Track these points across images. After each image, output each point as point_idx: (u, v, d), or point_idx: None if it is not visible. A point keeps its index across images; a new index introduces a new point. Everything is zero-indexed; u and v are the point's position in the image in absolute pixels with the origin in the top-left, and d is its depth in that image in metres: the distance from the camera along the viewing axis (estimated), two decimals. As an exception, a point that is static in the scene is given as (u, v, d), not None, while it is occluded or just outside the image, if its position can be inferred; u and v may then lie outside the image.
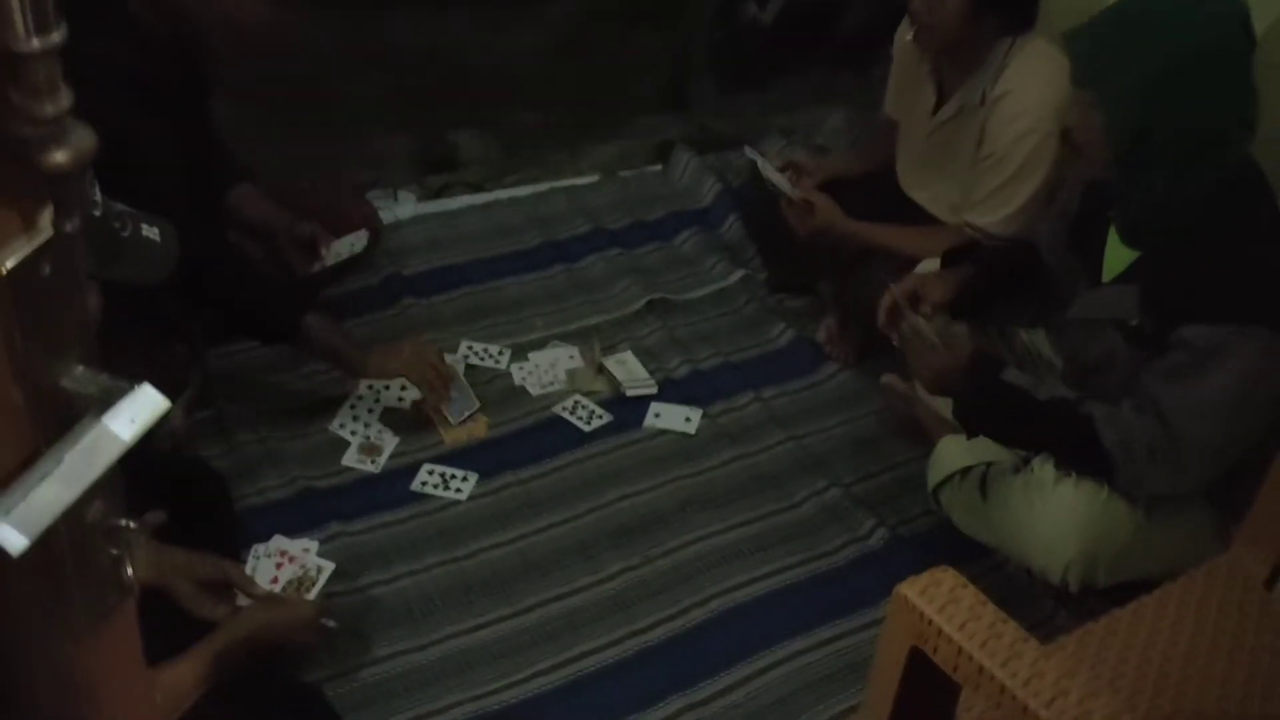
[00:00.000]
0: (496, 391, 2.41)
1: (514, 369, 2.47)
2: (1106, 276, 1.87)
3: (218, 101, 2.38)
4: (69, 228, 0.58)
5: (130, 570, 0.73)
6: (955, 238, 2.34)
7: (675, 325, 2.63)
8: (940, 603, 0.97)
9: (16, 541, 0.57)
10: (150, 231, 1.38)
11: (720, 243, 2.91)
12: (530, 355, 2.50)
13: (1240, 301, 1.67)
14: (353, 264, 2.54)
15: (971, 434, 1.98)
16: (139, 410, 0.65)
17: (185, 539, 1.74)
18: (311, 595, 1.89)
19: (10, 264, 0.60)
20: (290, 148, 2.89)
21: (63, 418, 0.65)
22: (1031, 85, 2.19)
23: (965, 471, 2.02)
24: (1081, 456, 1.82)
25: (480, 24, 3.62)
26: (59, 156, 0.55)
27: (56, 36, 0.53)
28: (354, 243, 2.42)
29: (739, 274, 2.80)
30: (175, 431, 2.12)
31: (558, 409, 2.38)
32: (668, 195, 3.09)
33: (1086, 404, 1.81)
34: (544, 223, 2.92)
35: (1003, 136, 2.21)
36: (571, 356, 2.51)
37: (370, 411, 2.31)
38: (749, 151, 2.66)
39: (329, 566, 1.95)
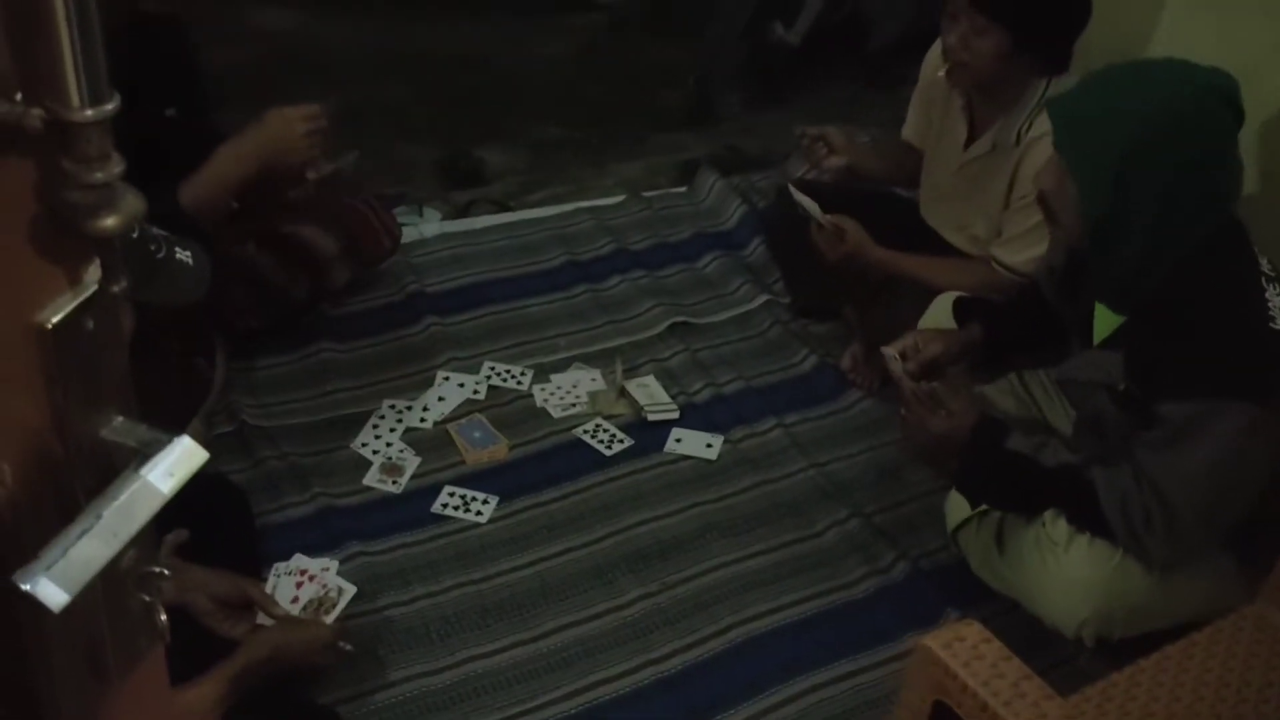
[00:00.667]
0: (518, 413, 2.41)
1: (536, 390, 2.46)
2: (1096, 338, 1.86)
3: (225, 104, 2.38)
4: (115, 289, 0.58)
5: (163, 616, 0.73)
6: (982, 272, 2.33)
7: (698, 348, 2.62)
8: (964, 658, 0.97)
9: (57, 597, 0.58)
10: (184, 254, 1.39)
11: (744, 266, 2.90)
12: (552, 377, 2.50)
13: (1213, 376, 1.65)
14: (339, 180, 2.32)
15: (975, 504, 1.96)
16: (178, 463, 0.65)
17: (206, 553, 1.75)
18: (331, 617, 1.88)
19: (55, 319, 0.60)
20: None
21: (102, 469, 0.65)
22: None
23: (983, 515, 2.00)
24: (1088, 521, 1.81)
25: (507, 39, 3.65)
26: (108, 222, 0.55)
27: (110, 106, 0.53)
28: (343, 161, 2.27)
29: (763, 298, 2.79)
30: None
31: (579, 432, 2.38)
32: (692, 216, 3.09)
33: (1090, 468, 1.79)
34: (568, 242, 2.92)
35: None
36: (594, 379, 2.51)
37: (392, 431, 2.32)
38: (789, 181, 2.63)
39: (350, 589, 1.94)
